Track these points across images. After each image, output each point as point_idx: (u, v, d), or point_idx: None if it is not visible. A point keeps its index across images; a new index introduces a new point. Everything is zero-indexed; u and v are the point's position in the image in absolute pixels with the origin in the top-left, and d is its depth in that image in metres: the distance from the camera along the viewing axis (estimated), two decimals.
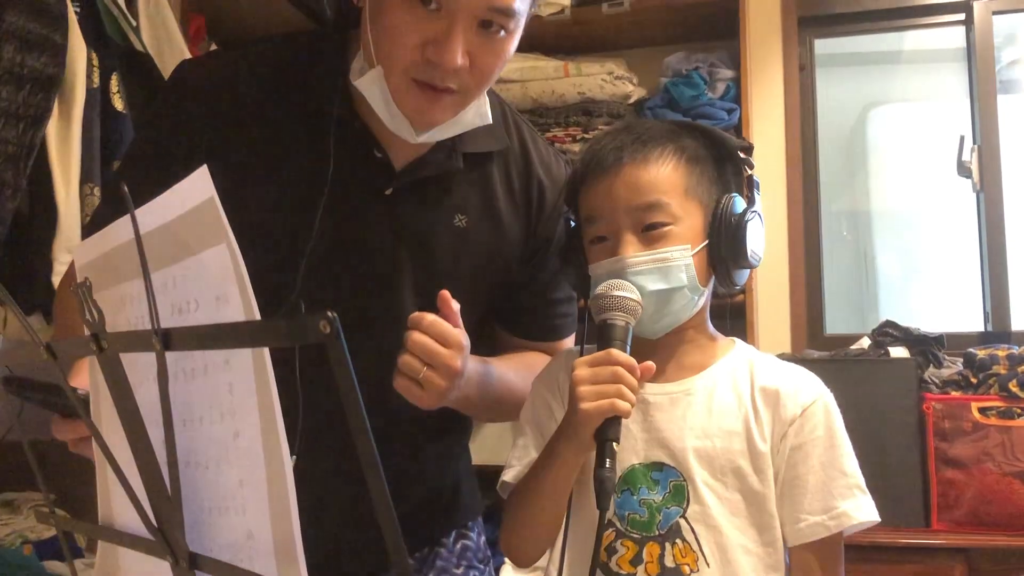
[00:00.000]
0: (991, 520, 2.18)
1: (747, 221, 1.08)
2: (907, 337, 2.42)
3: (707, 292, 1.12)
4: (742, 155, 1.13)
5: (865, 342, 2.50)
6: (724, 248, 1.08)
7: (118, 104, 2.05)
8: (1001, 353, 2.30)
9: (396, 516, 0.46)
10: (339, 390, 0.45)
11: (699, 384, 1.10)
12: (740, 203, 1.10)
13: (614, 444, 0.98)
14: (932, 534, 2.21)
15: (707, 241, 1.08)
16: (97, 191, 1.99)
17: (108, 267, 0.67)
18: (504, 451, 1.16)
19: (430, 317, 1.02)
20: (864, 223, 3.06)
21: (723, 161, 1.14)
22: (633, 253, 1.06)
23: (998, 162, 2.68)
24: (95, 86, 1.97)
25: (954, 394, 2.30)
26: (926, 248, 3.04)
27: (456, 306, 1.04)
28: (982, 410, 2.24)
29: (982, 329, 2.69)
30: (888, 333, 2.45)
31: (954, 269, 2.90)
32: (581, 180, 1.14)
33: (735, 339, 1.17)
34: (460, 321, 1.05)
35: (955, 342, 2.50)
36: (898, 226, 3.09)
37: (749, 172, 1.13)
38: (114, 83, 2.04)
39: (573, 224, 1.16)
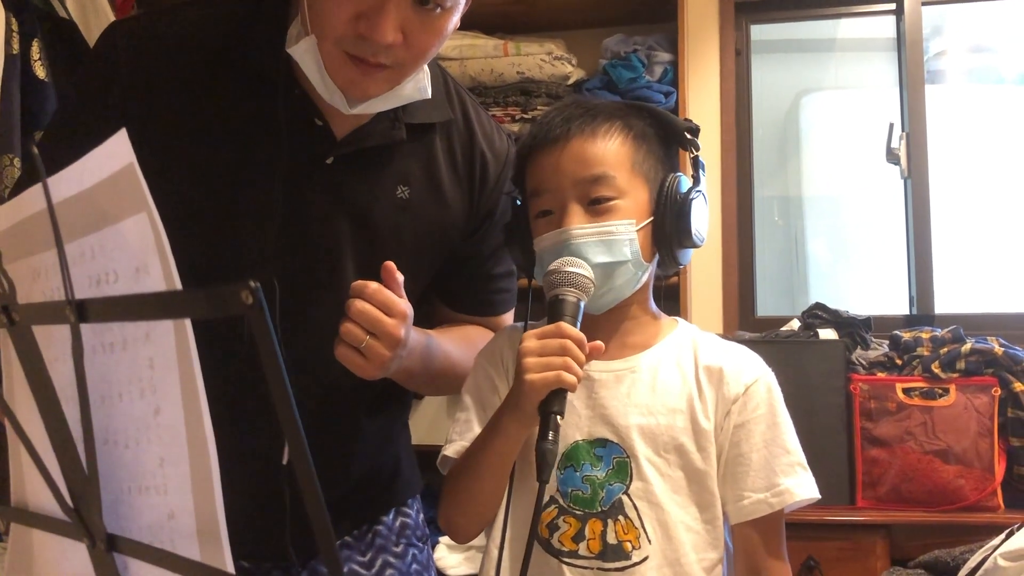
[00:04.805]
0: (912, 497, 2.25)
1: (692, 200, 1.09)
2: (836, 319, 2.47)
3: (651, 269, 1.12)
4: (688, 136, 1.13)
5: (795, 324, 2.55)
6: (668, 225, 1.09)
7: (40, 72, 1.97)
8: (925, 335, 2.37)
9: (324, 500, 0.44)
10: (263, 366, 0.43)
11: (644, 362, 1.11)
12: (686, 182, 1.11)
13: (558, 417, 0.97)
14: (856, 511, 2.28)
15: (652, 218, 1.09)
16: (17, 162, 1.92)
17: (21, 237, 0.64)
18: (441, 431, 1.15)
19: (374, 285, 1.01)
20: (795, 208, 3.11)
21: (669, 141, 1.14)
22: (578, 224, 1.06)
23: (925, 150, 2.74)
24: (14, 52, 1.90)
25: (880, 375, 2.36)
26: (855, 233, 3.11)
27: (400, 277, 1.03)
28: (906, 391, 2.30)
29: (907, 312, 2.76)
30: (817, 315, 2.50)
31: (881, 254, 2.97)
32: (528, 153, 1.14)
33: (678, 318, 1.18)
34: (403, 292, 1.04)
35: (882, 324, 2.57)
36: (828, 211, 3.16)
37: (695, 153, 1.13)
38: (35, 50, 1.96)
39: (519, 203, 1.15)
